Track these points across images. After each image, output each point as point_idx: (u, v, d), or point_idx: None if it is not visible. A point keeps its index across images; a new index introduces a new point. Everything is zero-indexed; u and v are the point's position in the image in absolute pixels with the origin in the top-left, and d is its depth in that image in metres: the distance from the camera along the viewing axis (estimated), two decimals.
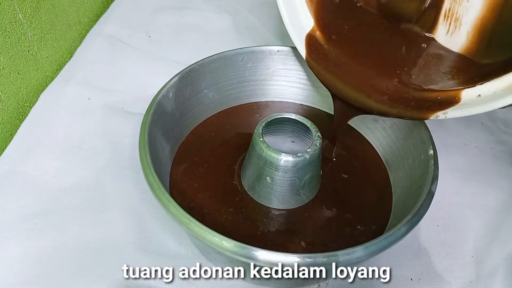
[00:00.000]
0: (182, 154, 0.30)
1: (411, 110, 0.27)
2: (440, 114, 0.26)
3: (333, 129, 0.31)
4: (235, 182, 0.29)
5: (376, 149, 0.32)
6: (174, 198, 0.22)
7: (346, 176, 0.30)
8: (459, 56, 0.29)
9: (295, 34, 0.32)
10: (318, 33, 0.32)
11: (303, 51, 0.31)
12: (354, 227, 0.27)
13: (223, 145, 0.31)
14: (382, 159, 0.31)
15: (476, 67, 0.28)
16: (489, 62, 0.27)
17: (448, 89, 0.26)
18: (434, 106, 0.26)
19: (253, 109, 0.35)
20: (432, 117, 0.26)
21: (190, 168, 0.29)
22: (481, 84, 0.25)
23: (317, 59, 0.31)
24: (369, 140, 0.32)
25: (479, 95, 0.25)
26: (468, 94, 0.25)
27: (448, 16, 0.28)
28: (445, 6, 0.28)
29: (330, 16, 0.32)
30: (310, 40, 0.32)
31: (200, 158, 0.30)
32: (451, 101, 0.26)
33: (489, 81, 0.25)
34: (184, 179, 0.29)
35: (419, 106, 0.27)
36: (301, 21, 0.32)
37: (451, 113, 0.26)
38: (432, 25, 0.29)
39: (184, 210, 0.21)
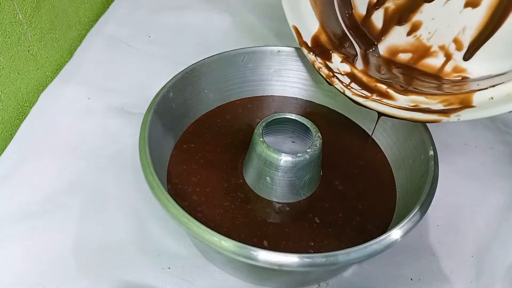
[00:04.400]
0: (182, 154, 0.30)
1: (424, 113, 0.26)
2: (453, 117, 0.25)
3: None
4: (235, 181, 0.29)
5: (381, 148, 0.32)
6: (173, 197, 0.22)
7: (348, 175, 0.30)
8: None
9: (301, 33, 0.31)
10: (323, 36, 0.31)
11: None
12: (353, 227, 0.27)
13: (224, 144, 0.31)
14: (387, 158, 0.31)
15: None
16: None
17: (459, 92, 0.26)
18: (445, 110, 0.26)
19: (254, 105, 0.35)
20: (446, 119, 0.26)
21: (190, 168, 0.29)
22: (493, 87, 0.24)
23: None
24: (375, 139, 0.32)
25: (492, 98, 0.24)
26: (479, 97, 0.25)
27: None
28: None
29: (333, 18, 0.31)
30: (317, 41, 0.31)
31: (200, 158, 0.30)
32: (462, 105, 0.25)
33: (501, 84, 0.24)
34: (184, 179, 0.29)
35: (430, 110, 0.26)
36: (307, 22, 0.31)
37: (464, 115, 0.25)
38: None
39: (184, 209, 0.21)
